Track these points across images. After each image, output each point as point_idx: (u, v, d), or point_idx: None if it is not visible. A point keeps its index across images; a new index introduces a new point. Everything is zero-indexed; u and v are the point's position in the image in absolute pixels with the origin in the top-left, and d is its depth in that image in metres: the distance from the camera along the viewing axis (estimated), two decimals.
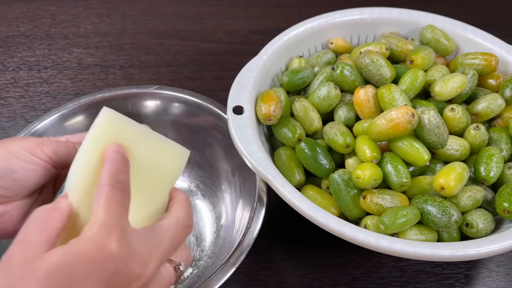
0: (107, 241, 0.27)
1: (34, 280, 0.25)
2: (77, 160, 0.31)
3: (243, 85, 0.55)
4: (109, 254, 0.27)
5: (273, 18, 0.88)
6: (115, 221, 0.28)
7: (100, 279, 0.26)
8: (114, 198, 0.29)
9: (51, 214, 0.29)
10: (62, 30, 0.84)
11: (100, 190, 0.29)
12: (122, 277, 0.27)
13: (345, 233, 0.44)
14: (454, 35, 0.62)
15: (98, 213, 0.28)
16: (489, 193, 0.50)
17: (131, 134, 0.32)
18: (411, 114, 0.46)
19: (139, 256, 0.29)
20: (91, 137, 0.31)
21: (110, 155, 0.31)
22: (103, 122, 0.31)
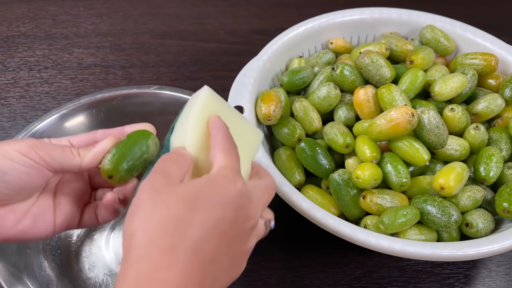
0: (236, 179, 0.32)
1: (177, 198, 0.30)
2: (187, 122, 0.35)
3: (243, 85, 0.55)
4: (238, 189, 0.32)
5: (274, 18, 0.88)
6: (237, 166, 0.33)
7: (231, 208, 0.31)
8: (231, 150, 0.33)
9: (182, 156, 0.33)
10: (62, 30, 0.84)
11: (219, 143, 0.33)
12: (244, 212, 0.32)
13: (345, 233, 0.44)
14: (454, 35, 0.62)
15: (222, 158, 0.33)
16: (488, 193, 0.50)
17: (225, 111, 0.37)
18: (411, 114, 0.47)
19: (254, 200, 0.33)
20: (196, 109, 0.35)
21: (217, 122, 0.35)
22: (205, 98, 0.36)
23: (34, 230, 0.36)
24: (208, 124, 0.35)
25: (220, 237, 0.30)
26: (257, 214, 0.33)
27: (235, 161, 0.33)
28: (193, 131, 0.35)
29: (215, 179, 0.32)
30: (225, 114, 0.36)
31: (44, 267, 0.50)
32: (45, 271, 0.50)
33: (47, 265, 0.51)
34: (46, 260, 0.51)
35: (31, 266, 0.49)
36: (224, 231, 0.30)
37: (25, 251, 0.49)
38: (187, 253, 0.28)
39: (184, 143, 0.34)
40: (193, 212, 0.29)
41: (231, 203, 0.31)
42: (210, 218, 0.30)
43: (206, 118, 0.35)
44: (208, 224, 0.30)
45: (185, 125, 0.35)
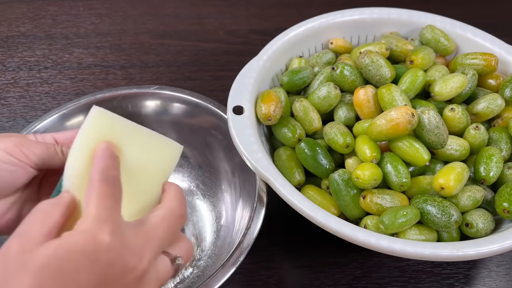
0: (99, 233, 0.27)
1: (28, 272, 0.25)
2: (70, 158, 0.32)
3: (243, 85, 0.55)
4: (102, 246, 0.27)
5: (273, 18, 0.88)
6: (107, 214, 0.28)
7: (94, 271, 0.26)
8: (105, 192, 0.29)
9: (53, 208, 0.29)
10: (62, 30, 0.84)
11: (91, 186, 0.29)
12: (116, 269, 0.27)
13: (345, 233, 0.44)
14: (454, 35, 0.62)
15: (90, 207, 0.28)
16: (488, 193, 0.50)
17: (121, 131, 0.32)
18: (411, 114, 0.47)
19: (133, 248, 0.28)
20: (82, 136, 0.32)
21: (99, 153, 0.31)
22: (93, 121, 0.32)
23: (19, 223, 0.36)
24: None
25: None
26: (142, 261, 0.29)
27: (105, 207, 0.29)
28: (76, 163, 0.31)
29: (72, 239, 0.27)
30: (125, 135, 0.32)
31: None
32: None
33: None
34: None
35: None
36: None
37: None
38: None
39: (68, 179, 0.31)
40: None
41: (92, 266, 0.26)
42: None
43: (93, 146, 0.31)
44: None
45: (70, 157, 0.32)
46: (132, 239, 0.29)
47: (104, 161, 0.31)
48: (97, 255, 0.27)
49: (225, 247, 0.53)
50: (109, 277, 0.27)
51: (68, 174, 0.31)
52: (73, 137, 0.38)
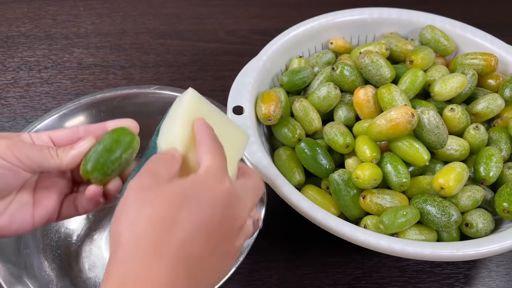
0: (223, 178, 0.32)
1: (164, 197, 0.30)
2: (173, 125, 0.36)
3: (243, 85, 0.55)
4: (226, 188, 0.32)
5: (274, 18, 0.88)
6: (224, 166, 0.33)
7: (218, 207, 0.31)
8: (217, 150, 0.34)
9: (171, 157, 0.34)
10: (62, 30, 0.84)
11: (205, 143, 0.34)
12: (231, 211, 0.32)
13: (345, 233, 0.44)
14: (453, 35, 0.62)
15: (209, 158, 0.33)
16: (488, 193, 0.50)
17: (210, 112, 0.37)
18: (411, 114, 0.47)
19: (242, 200, 0.33)
20: (185, 109, 0.36)
21: (204, 124, 0.35)
22: (191, 99, 0.36)
23: (12, 227, 0.36)
24: (194, 126, 0.35)
25: (207, 237, 0.30)
26: (245, 214, 0.34)
27: (222, 161, 0.33)
28: (180, 132, 0.35)
29: (202, 178, 0.32)
30: (210, 116, 0.37)
31: (44, 267, 0.50)
32: (45, 271, 0.50)
33: (47, 265, 0.51)
34: (46, 260, 0.51)
35: (31, 266, 0.49)
36: (211, 230, 0.31)
37: (25, 251, 0.49)
38: (173, 252, 0.28)
39: (172, 144, 0.35)
40: (180, 212, 0.30)
41: (218, 202, 0.31)
42: (196, 218, 0.30)
43: (191, 120, 0.36)
44: (194, 224, 0.30)
45: (172, 127, 0.36)
46: (241, 193, 0.34)
47: (208, 127, 0.35)
48: (222, 195, 0.31)
49: None
50: (226, 217, 0.31)
51: (170, 140, 0.35)
52: (70, 137, 0.38)
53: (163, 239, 0.28)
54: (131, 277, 0.27)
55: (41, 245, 0.52)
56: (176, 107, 0.37)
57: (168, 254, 0.28)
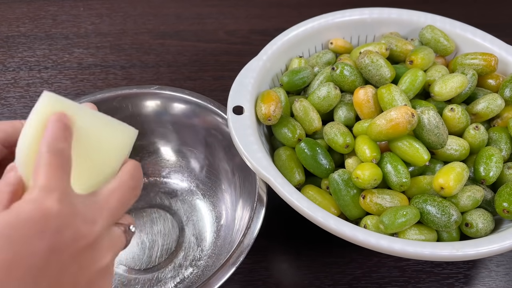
0: (47, 201, 0.27)
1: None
2: (22, 135, 0.31)
3: (243, 85, 0.55)
4: (50, 212, 0.27)
5: (273, 18, 0.88)
6: (55, 184, 0.28)
7: (43, 238, 0.26)
8: (53, 163, 0.28)
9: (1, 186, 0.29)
10: (62, 30, 0.84)
11: (40, 157, 0.29)
12: (66, 236, 0.27)
13: (344, 233, 0.44)
14: (453, 35, 0.62)
15: (38, 177, 0.28)
16: (488, 193, 0.50)
17: (75, 111, 0.32)
18: (411, 114, 0.47)
19: (84, 216, 0.28)
20: (33, 115, 0.31)
21: (49, 125, 0.30)
22: (45, 101, 0.31)
23: None
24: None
25: (40, 276, 0.26)
26: (94, 229, 0.28)
27: (52, 176, 0.28)
28: (25, 142, 0.31)
29: (20, 208, 0.27)
30: (78, 114, 0.32)
31: None
32: None
33: None
34: None
35: None
36: (42, 266, 0.26)
37: None
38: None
39: (16, 160, 0.31)
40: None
41: (41, 232, 0.26)
42: (18, 259, 0.25)
43: (45, 122, 0.31)
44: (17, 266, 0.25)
45: (20, 136, 0.31)
46: (82, 208, 0.28)
47: (54, 133, 0.30)
48: (45, 222, 0.26)
49: (225, 247, 0.54)
50: (59, 244, 0.27)
51: (19, 151, 0.31)
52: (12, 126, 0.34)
53: None
54: None
55: None
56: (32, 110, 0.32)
57: None
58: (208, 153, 0.60)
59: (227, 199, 0.58)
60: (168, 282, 0.53)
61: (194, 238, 0.57)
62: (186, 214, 0.59)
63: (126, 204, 0.32)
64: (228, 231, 0.55)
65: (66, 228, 0.27)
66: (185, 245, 0.57)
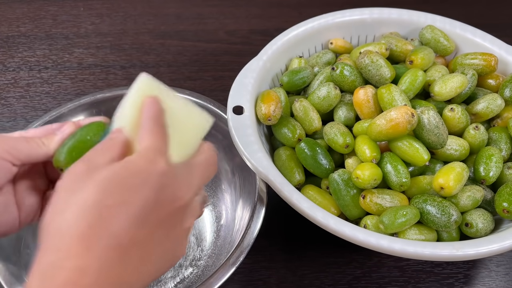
0: (157, 159, 0.31)
1: (94, 183, 0.29)
2: (121, 110, 0.35)
3: (243, 85, 0.55)
4: (159, 169, 0.30)
5: (274, 18, 0.88)
6: (163, 147, 0.32)
7: (150, 189, 0.30)
8: (158, 131, 0.33)
9: (109, 141, 0.33)
10: (62, 31, 0.84)
11: (145, 126, 0.33)
12: (168, 194, 0.31)
13: (344, 233, 0.44)
14: (453, 35, 0.62)
15: (146, 139, 0.32)
16: (488, 193, 0.50)
17: (164, 93, 0.37)
18: (411, 114, 0.47)
19: (183, 180, 0.32)
20: (132, 93, 0.35)
21: (149, 103, 0.34)
22: (141, 83, 0.36)
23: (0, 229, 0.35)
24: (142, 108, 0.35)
25: (140, 221, 0.29)
26: (187, 194, 0.32)
27: (159, 141, 0.32)
28: (129, 113, 0.35)
29: (133, 161, 0.31)
30: (163, 97, 0.36)
31: None
32: None
33: None
34: None
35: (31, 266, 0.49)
36: (145, 214, 0.29)
37: (25, 251, 0.49)
38: (102, 238, 0.27)
39: (121, 125, 0.35)
40: (108, 197, 0.29)
41: (150, 184, 0.30)
42: (126, 202, 0.29)
43: (141, 101, 0.35)
44: (125, 208, 0.29)
45: (122, 109, 0.35)
46: (181, 173, 0.32)
47: (154, 109, 0.34)
48: (154, 177, 0.30)
49: (225, 247, 0.54)
50: (161, 199, 0.30)
51: (121, 119, 0.35)
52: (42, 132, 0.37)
53: (91, 227, 0.27)
54: (59, 267, 0.27)
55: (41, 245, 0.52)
56: (129, 91, 0.36)
57: (98, 241, 0.27)
58: None
59: (227, 199, 0.58)
60: (168, 282, 0.53)
61: (194, 238, 0.57)
62: None
63: (208, 177, 0.36)
64: (228, 231, 0.55)
65: (169, 187, 0.31)
66: None
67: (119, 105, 0.36)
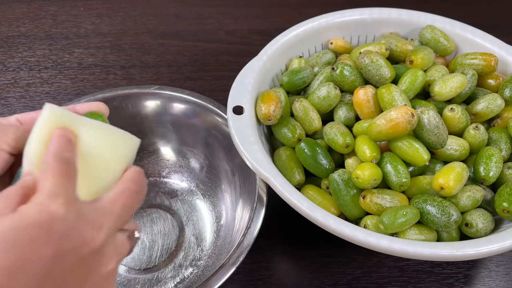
0: (53, 205, 0.27)
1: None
2: (29, 145, 0.32)
3: (243, 85, 0.55)
4: (56, 216, 0.27)
5: (273, 19, 0.88)
6: (60, 189, 0.28)
7: (48, 242, 0.26)
8: (59, 171, 0.29)
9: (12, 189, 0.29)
10: (62, 31, 0.84)
11: (46, 165, 0.29)
12: (72, 241, 0.27)
13: (344, 233, 0.44)
14: (453, 35, 0.62)
15: (44, 183, 0.28)
16: (488, 193, 0.50)
17: (76, 123, 0.33)
18: (411, 114, 0.47)
19: (89, 220, 0.28)
20: (40, 125, 0.32)
21: (54, 137, 0.31)
22: (50, 113, 0.33)
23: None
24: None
25: (45, 279, 0.26)
26: (99, 235, 0.29)
27: (57, 182, 0.28)
28: (34, 151, 0.32)
29: (24, 212, 0.27)
30: (78, 126, 0.33)
31: None
32: None
33: None
34: None
35: None
36: (47, 269, 0.26)
37: None
38: None
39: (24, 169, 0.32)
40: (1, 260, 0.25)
41: (44, 236, 0.26)
42: (23, 262, 0.25)
43: (51, 134, 0.32)
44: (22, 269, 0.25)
45: (27, 147, 0.32)
46: (87, 213, 0.29)
47: (58, 143, 0.31)
48: (51, 226, 0.26)
49: (225, 247, 0.54)
50: (64, 249, 0.27)
51: (27, 160, 0.32)
52: (37, 117, 0.35)
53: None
54: None
55: None
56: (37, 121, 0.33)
57: None
58: (208, 153, 0.60)
59: (227, 199, 0.58)
60: (168, 282, 0.53)
61: (194, 238, 0.57)
62: (186, 214, 0.59)
63: (130, 209, 0.32)
64: (228, 231, 0.55)
65: (72, 233, 0.27)
66: (185, 245, 0.57)
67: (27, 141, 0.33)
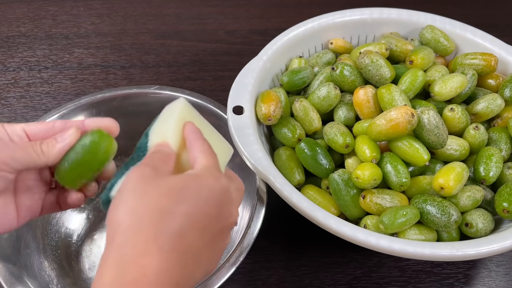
0: (221, 177, 0.34)
1: (163, 190, 0.31)
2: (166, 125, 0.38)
3: (243, 85, 0.55)
4: (223, 186, 0.33)
5: (274, 19, 0.88)
6: (218, 166, 0.35)
7: (215, 202, 0.32)
8: (210, 151, 0.36)
9: (167, 154, 0.35)
10: (62, 31, 0.84)
11: (196, 145, 0.36)
12: (226, 209, 0.33)
13: (344, 233, 0.44)
14: (453, 35, 0.62)
15: (203, 157, 0.35)
16: (488, 193, 0.50)
17: (199, 120, 0.40)
18: (411, 114, 0.47)
19: (234, 199, 0.35)
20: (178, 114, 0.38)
21: (194, 128, 0.37)
22: (183, 106, 0.39)
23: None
24: (184, 130, 0.37)
25: (202, 231, 0.31)
26: (236, 213, 0.35)
27: (216, 161, 0.35)
28: (174, 132, 0.37)
29: (201, 175, 0.33)
30: (199, 124, 0.39)
31: (44, 267, 0.50)
32: (45, 271, 0.50)
33: (47, 265, 0.51)
34: (46, 260, 0.51)
35: (31, 266, 0.49)
36: (206, 225, 0.32)
37: (25, 251, 0.50)
38: (170, 241, 0.30)
39: (166, 140, 0.37)
40: (178, 204, 0.31)
41: (215, 199, 0.33)
42: (193, 211, 0.31)
43: (182, 124, 0.38)
44: (191, 217, 0.31)
45: (166, 128, 0.38)
46: (234, 192, 0.35)
47: (199, 131, 0.37)
48: (220, 195, 0.33)
49: None
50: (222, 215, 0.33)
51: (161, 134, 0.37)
52: (46, 131, 0.37)
53: (161, 230, 0.30)
54: (129, 261, 0.28)
55: (41, 245, 0.52)
56: (169, 111, 0.39)
57: (165, 243, 0.29)
58: None
59: None
60: None
61: None
62: None
63: (240, 202, 0.38)
64: None
65: (228, 205, 0.34)
66: None
67: (155, 122, 0.39)
